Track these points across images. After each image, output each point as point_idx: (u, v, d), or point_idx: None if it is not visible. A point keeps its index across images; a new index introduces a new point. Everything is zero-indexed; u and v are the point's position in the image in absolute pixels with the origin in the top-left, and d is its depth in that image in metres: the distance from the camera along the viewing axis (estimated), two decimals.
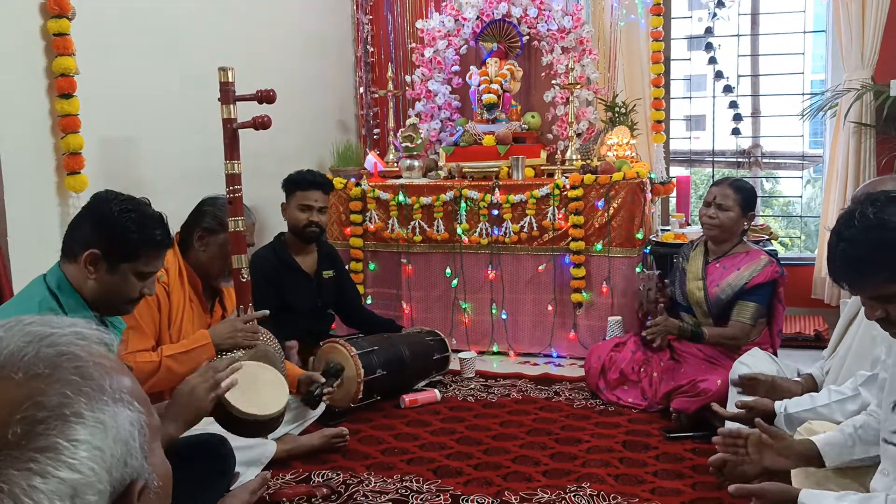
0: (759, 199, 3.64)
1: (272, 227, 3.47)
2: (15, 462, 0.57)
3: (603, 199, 3.60)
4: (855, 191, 2.42)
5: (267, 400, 2.01)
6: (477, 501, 2.33)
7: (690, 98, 4.93)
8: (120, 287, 1.81)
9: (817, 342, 3.79)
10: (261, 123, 2.41)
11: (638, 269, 3.63)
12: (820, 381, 2.31)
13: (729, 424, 2.25)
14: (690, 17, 4.90)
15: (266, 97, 2.45)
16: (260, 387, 2.03)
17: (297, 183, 3.19)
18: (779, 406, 2.17)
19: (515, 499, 2.33)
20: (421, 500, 2.34)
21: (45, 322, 0.66)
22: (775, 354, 2.86)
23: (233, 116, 2.44)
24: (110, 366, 0.66)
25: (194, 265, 2.51)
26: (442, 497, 2.35)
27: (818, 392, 2.16)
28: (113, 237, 1.77)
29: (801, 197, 5.56)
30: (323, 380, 2.72)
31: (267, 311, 2.54)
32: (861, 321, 2.20)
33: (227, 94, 2.42)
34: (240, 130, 2.45)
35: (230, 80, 2.43)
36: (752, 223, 3.27)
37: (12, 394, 0.60)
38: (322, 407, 2.85)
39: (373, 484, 2.45)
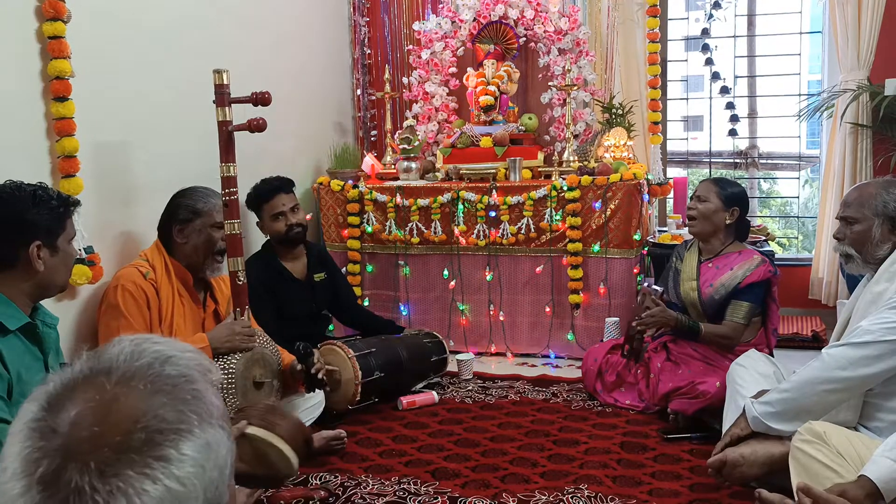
0: (750, 198, 3.64)
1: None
2: (133, 465, 0.62)
3: (600, 201, 3.60)
4: (846, 193, 2.42)
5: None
6: (475, 503, 2.33)
7: (687, 99, 4.93)
8: (68, 260, 1.92)
9: (815, 343, 3.78)
10: (256, 126, 2.41)
11: (639, 278, 3.64)
12: None
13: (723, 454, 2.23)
14: (687, 18, 4.91)
15: (261, 99, 2.45)
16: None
17: (258, 197, 3.18)
18: (749, 408, 2.17)
19: (513, 500, 2.33)
20: (419, 502, 2.34)
21: (166, 343, 0.72)
22: (771, 354, 2.86)
23: (228, 119, 2.44)
24: (216, 393, 0.72)
25: (180, 259, 2.52)
26: (440, 499, 2.35)
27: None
28: (41, 224, 1.82)
29: (798, 197, 5.56)
30: (300, 366, 2.66)
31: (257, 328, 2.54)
32: (853, 323, 2.21)
33: (222, 97, 2.43)
34: (236, 133, 2.45)
35: (225, 82, 2.43)
36: (751, 225, 3.27)
37: (139, 403, 0.66)
38: (322, 401, 2.84)
39: (370, 486, 2.45)
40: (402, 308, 3.93)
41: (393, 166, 4.07)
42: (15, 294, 1.79)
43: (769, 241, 3.94)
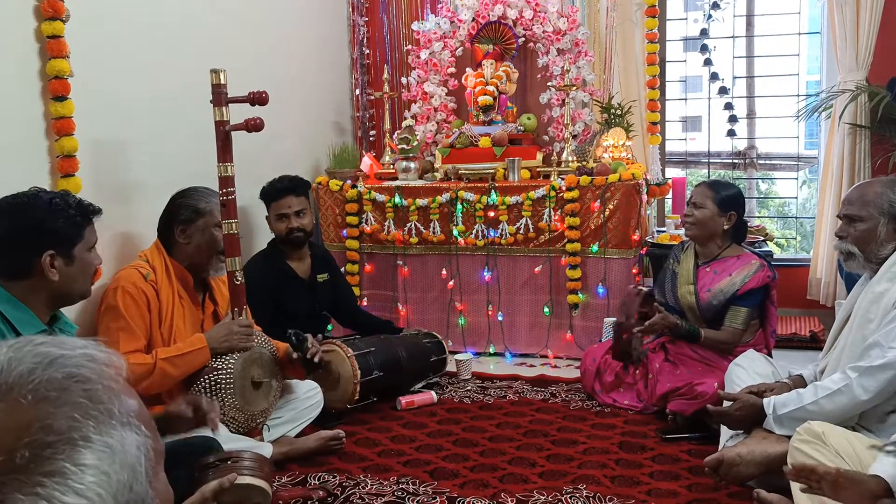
0: (749, 199, 3.63)
1: (268, 230, 3.46)
2: (22, 486, 0.57)
3: (599, 201, 3.60)
4: (847, 192, 2.43)
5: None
6: (473, 503, 2.33)
7: (686, 99, 4.93)
8: (87, 269, 1.90)
9: (813, 343, 3.79)
10: (253, 126, 2.41)
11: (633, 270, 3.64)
12: (811, 381, 2.32)
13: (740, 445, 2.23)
14: (685, 18, 4.91)
15: (258, 99, 2.45)
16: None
17: (269, 194, 3.22)
18: (767, 405, 2.18)
19: (512, 500, 2.33)
20: (417, 502, 2.34)
21: (55, 343, 0.66)
22: (770, 355, 2.86)
23: (225, 118, 2.44)
24: (118, 388, 0.66)
25: (182, 260, 2.51)
26: (438, 499, 2.35)
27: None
28: (55, 233, 1.81)
29: (796, 198, 5.56)
30: (296, 354, 2.63)
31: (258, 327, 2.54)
32: (853, 322, 2.22)
33: (220, 97, 2.43)
34: (234, 133, 2.45)
35: (222, 82, 2.43)
36: (749, 226, 3.27)
37: (21, 417, 0.60)
38: (320, 400, 2.83)
39: (369, 486, 2.45)
40: (400, 308, 3.93)
41: (392, 166, 4.07)
42: (33, 301, 1.79)
43: (767, 242, 3.95)
